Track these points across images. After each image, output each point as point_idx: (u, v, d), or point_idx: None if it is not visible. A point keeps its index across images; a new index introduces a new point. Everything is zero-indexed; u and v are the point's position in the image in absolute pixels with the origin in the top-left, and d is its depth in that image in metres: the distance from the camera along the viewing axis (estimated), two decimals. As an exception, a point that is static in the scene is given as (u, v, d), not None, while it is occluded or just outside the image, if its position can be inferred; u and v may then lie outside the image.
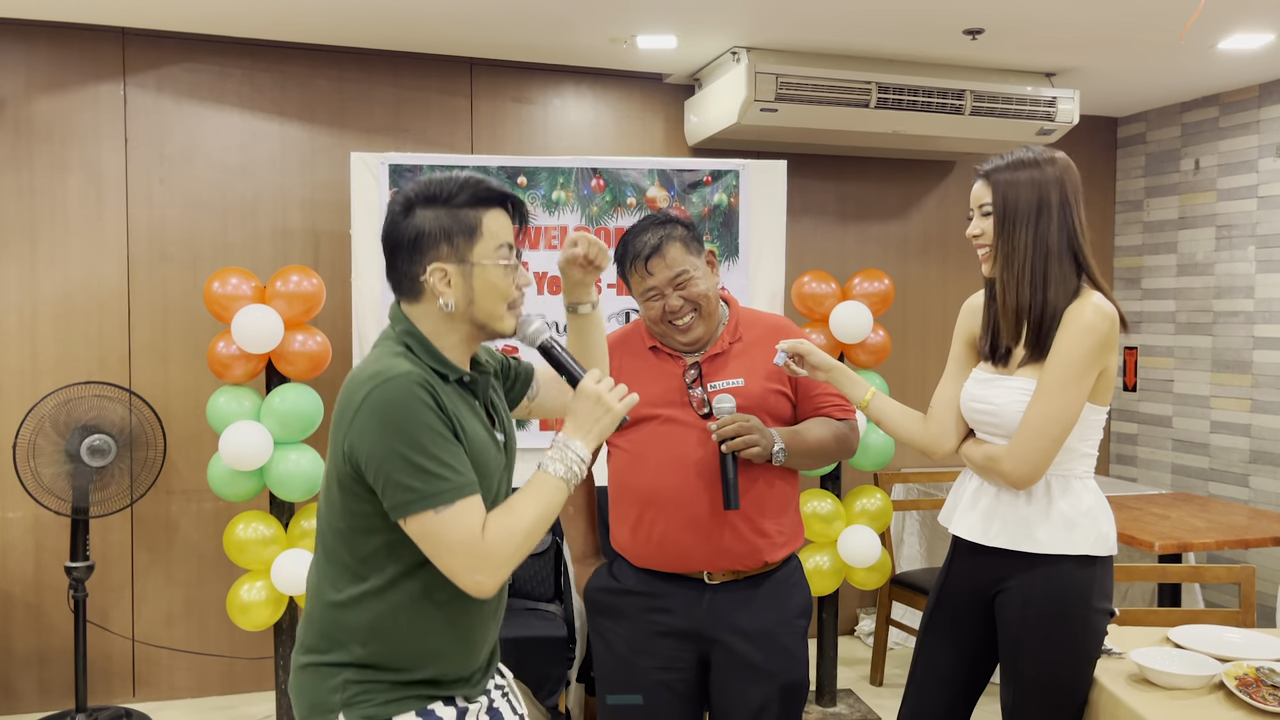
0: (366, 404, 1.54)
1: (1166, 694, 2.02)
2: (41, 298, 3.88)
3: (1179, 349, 4.95)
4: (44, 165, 3.88)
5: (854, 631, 4.92)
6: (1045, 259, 2.03)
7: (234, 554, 3.47)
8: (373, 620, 1.60)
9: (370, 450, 1.53)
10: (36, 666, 3.91)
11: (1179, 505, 4.08)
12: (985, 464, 2.10)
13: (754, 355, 2.30)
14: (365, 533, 1.59)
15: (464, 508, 1.53)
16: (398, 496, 1.52)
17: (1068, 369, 2.00)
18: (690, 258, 2.25)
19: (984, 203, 2.11)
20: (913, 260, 4.95)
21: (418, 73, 4.25)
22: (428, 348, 1.63)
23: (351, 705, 1.60)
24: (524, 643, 3.30)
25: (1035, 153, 2.09)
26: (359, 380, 1.57)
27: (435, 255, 1.62)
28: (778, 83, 3.91)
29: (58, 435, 3.56)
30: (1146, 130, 5.12)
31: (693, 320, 2.25)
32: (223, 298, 3.44)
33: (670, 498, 2.20)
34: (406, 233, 1.63)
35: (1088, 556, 2.04)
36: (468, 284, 1.63)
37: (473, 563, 1.53)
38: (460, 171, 1.67)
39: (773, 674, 2.21)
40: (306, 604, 1.69)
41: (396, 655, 1.61)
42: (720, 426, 2.14)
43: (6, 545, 3.87)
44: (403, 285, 1.66)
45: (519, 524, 1.57)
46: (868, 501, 3.93)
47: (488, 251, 1.64)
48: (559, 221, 3.78)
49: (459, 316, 1.65)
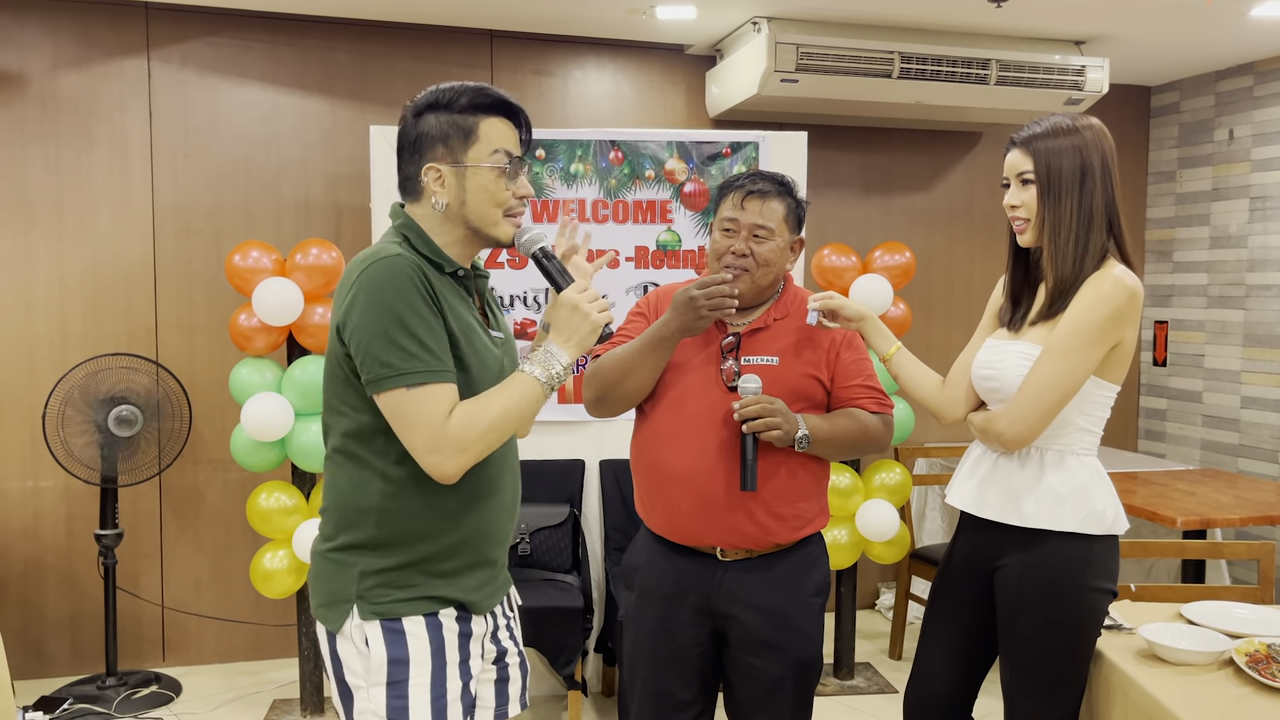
0: (359, 280, 1.60)
1: (1175, 670, 2.00)
2: (69, 270, 3.95)
3: (1210, 323, 4.86)
4: (70, 139, 3.93)
5: (875, 605, 4.91)
6: (1089, 227, 2.00)
7: (257, 523, 3.53)
8: (382, 499, 1.65)
9: (355, 324, 1.59)
10: (69, 631, 4.01)
11: (1206, 481, 4.02)
12: (983, 426, 2.10)
13: (795, 337, 2.24)
14: (364, 413, 1.64)
15: (435, 390, 1.59)
16: (374, 370, 1.58)
17: (1075, 335, 1.97)
18: (783, 224, 2.22)
19: (1023, 171, 2.05)
20: (937, 233, 4.90)
21: (438, 45, 4.25)
22: (424, 239, 1.69)
23: (366, 598, 1.65)
24: (541, 613, 3.33)
25: (1071, 118, 2.04)
26: (355, 262, 1.64)
27: (432, 155, 1.69)
28: (798, 53, 3.87)
29: (86, 406, 3.63)
30: (1180, 99, 5.01)
31: (744, 274, 2.19)
32: (244, 270, 3.48)
33: (686, 475, 2.18)
34: (408, 135, 1.71)
35: (1084, 534, 2.02)
36: (460, 184, 1.68)
37: (431, 442, 1.58)
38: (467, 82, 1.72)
39: (785, 651, 2.20)
40: (324, 498, 1.74)
41: (408, 537, 1.66)
42: (742, 406, 2.11)
43: (39, 513, 3.96)
44: (405, 186, 1.73)
45: (483, 413, 1.61)
46: (887, 476, 3.91)
47: (482, 155, 1.69)
48: (577, 194, 3.77)
49: (452, 217, 1.70)
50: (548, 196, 3.76)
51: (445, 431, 1.58)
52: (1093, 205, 2.00)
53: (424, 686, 1.65)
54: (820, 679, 3.98)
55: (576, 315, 1.71)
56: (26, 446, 3.91)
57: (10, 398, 3.90)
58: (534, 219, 3.76)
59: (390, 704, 1.64)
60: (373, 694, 1.64)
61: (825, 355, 2.24)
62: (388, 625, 1.65)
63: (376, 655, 1.64)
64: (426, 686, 1.65)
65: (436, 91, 1.71)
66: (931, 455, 4.47)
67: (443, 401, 1.59)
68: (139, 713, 3.67)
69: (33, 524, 3.96)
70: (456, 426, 1.59)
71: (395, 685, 1.64)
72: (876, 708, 3.76)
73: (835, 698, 3.86)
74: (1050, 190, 2.01)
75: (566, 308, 1.71)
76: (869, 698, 3.85)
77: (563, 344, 1.70)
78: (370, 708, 1.65)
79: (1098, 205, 2.00)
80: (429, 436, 1.57)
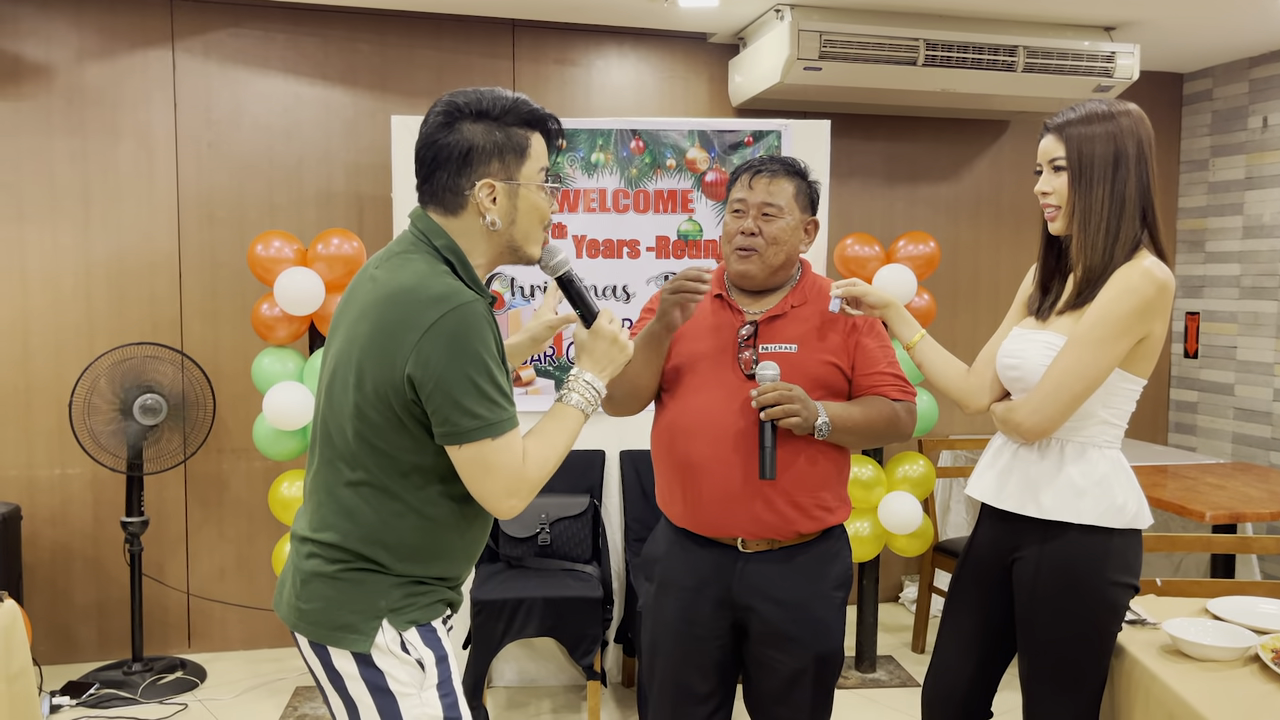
0: (438, 328, 1.53)
1: (1199, 665, 1.97)
2: (96, 260, 3.98)
3: (1243, 314, 4.78)
4: (96, 130, 3.97)
5: (898, 599, 4.88)
6: (1120, 215, 1.96)
7: (279, 511, 3.55)
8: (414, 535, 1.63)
9: (439, 375, 1.53)
10: (96, 617, 4.06)
11: (1237, 475, 3.95)
12: (1004, 415, 2.07)
13: (813, 322, 2.21)
14: (411, 454, 1.60)
15: (514, 436, 1.59)
16: (462, 423, 1.54)
17: (1099, 326, 1.93)
18: (792, 203, 2.20)
19: (1055, 157, 2.02)
20: (963, 223, 4.84)
21: (460, 35, 4.25)
22: (467, 268, 1.65)
23: (397, 609, 1.64)
24: (561, 603, 3.33)
25: (1107, 104, 2.00)
26: (422, 300, 1.54)
27: (485, 171, 1.63)
28: (821, 40, 3.83)
29: (112, 394, 3.67)
30: (1213, 86, 4.92)
31: (753, 254, 2.18)
32: (266, 260, 3.50)
33: (706, 465, 2.16)
34: (455, 145, 1.62)
35: (1104, 528, 1.98)
36: (512, 203, 1.65)
37: (512, 487, 1.59)
38: (503, 90, 1.67)
39: (805, 644, 2.18)
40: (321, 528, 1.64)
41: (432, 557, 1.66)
42: (760, 394, 2.08)
43: (67, 500, 4.01)
44: (443, 198, 1.65)
45: (552, 453, 1.65)
46: (910, 468, 3.88)
47: (533, 173, 1.66)
48: (598, 184, 3.75)
49: (499, 236, 1.66)
50: (569, 186, 3.75)
51: (523, 475, 1.60)
52: (1125, 193, 1.96)
53: (457, 680, 1.69)
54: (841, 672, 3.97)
55: (615, 348, 1.73)
56: (55, 434, 3.96)
57: (39, 386, 3.95)
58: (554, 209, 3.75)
59: (444, 702, 1.65)
60: (426, 697, 1.63)
61: (845, 342, 2.20)
62: (423, 629, 1.66)
63: (426, 657, 1.64)
64: (458, 680, 1.70)
65: (479, 99, 1.64)
66: (956, 447, 4.42)
67: (519, 446, 1.61)
68: (164, 698, 3.71)
69: (61, 511, 4.01)
70: (532, 468, 1.61)
71: (444, 684, 1.65)
72: (898, 701, 3.73)
73: (857, 690, 3.84)
74: (1082, 177, 1.97)
75: (605, 340, 1.73)
76: (891, 691, 3.83)
77: (599, 372, 1.73)
78: (426, 712, 1.63)
79: (1130, 193, 1.96)
80: (509, 481, 1.59)
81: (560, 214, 3.75)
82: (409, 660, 1.63)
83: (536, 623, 3.30)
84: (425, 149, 1.65)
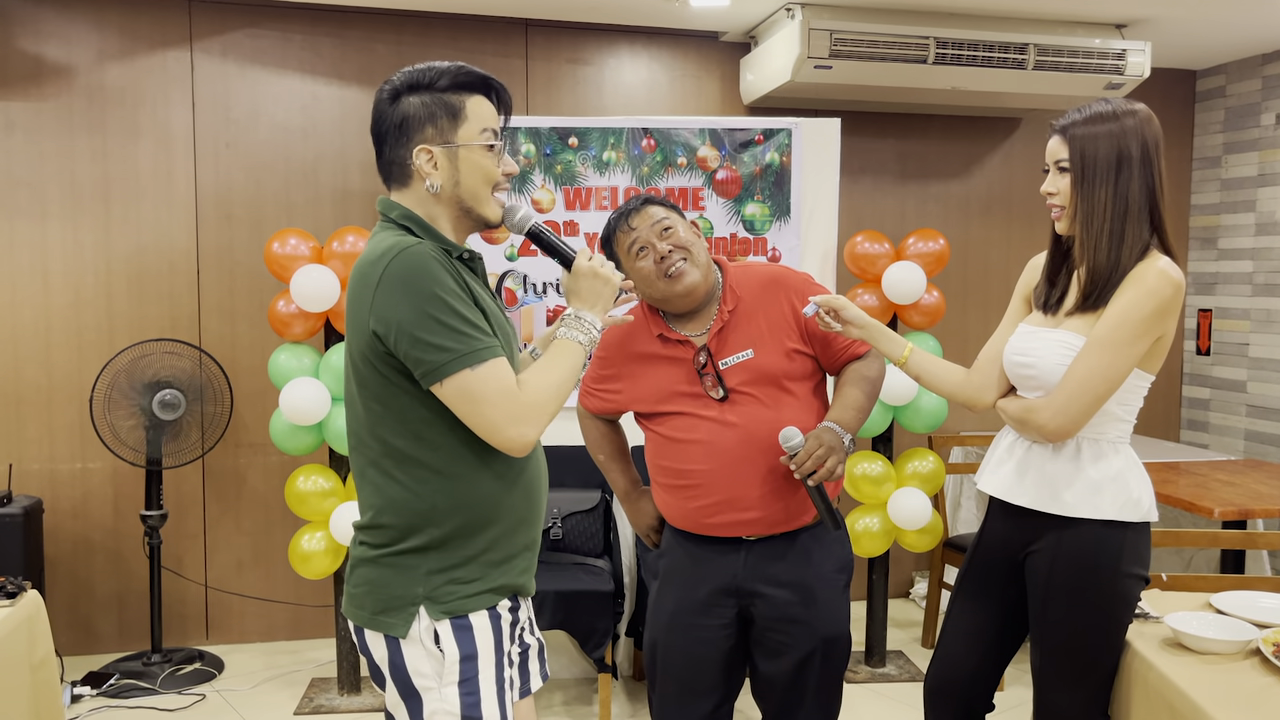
0: (385, 277, 1.56)
1: (1200, 659, 1.98)
2: (115, 257, 4.05)
3: (1256, 311, 4.77)
4: (116, 130, 4.03)
5: (908, 594, 4.90)
6: (1124, 217, 1.97)
7: (295, 505, 3.61)
8: (444, 496, 1.63)
9: (399, 319, 1.55)
10: (116, 609, 4.13)
11: (1248, 472, 3.95)
12: (1022, 415, 2.06)
13: (756, 319, 2.24)
14: (411, 409, 1.62)
15: (498, 364, 1.58)
16: (432, 358, 1.54)
17: (1123, 328, 1.95)
18: (673, 214, 2.26)
19: (1060, 158, 2.03)
20: (974, 220, 4.85)
21: (474, 35, 4.29)
22: (427, 228, 1.67)
23: (434, 598, 1.63)
24: (572, 596, 3.36)
25: (1114, 104, 2.01)
26: (370, 260, 1.60)
27: (421, 138, 1.66)
28: (832, 39, 3.85)
29: (132, 390, 3.73)
30: (1226, 83, 4.91)
31: (685, 266, 2.20)
32: (282, 258, 3.55)
33: (705, 481, 2.21)
34: (393, 118, 1.67)
35: (1118, 521, 2.01)
36: (453, 165, 1.67)
37: (514, 412, 1.57)
38: (441, 61, 1.71)
39: (813, 626, 2.21)
40: (365, 513, 1.69)
41: (473, 524, 1.65)
42: (799, 467, 2.10)
43: (87, 494, 4.08)
44: (392, 172, 1.70)
45: (550, 378, 1.63)
46: (919, 464, 3.90)
47: (472, 134, 1.67)
48: (609, 182, 3.79)
49: (445, 199, 1.68)
50: (580, 184, 3.79)
51: (524, 400, 1.58)
52: (1129, 195, 1.97)
53: (491, 679, 1.66)
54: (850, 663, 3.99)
55: (598, 281, 1.75)
56: (75, 429, 4.02)
57: (60, 381, 4.02)
58: (567, 207, 3.79)
59: (464, 700, 1.63)
60: (445, 694, 1.63)
61: (794, 323, 2.23)
62: (457, 622, 1.64)
63: (450, 654, 1.63)
64: (493, 679, 1.66)
65: (413, 72, 1.68)
66: (966, 444, 4.44)
67: (508, 373, 1.59)
68: (183, 689, 3.77)
69: (82, 504, 4.07)
70: (531, 392, 1.60)
71: (466, 682, 1.64)
72: (908, 695, 3.76)
73: (867, 685, 3.86)
74: (1085, 178, 1.98)
75: (587, 276, 1.75)
76: (901, 685, 3.85)
77: (590, 308, 1.74)
78: (444, 707, 1.64)
79: (1134, 195, 1.97)
80: (508, 408, 1.56)
81: (572, 211, 3.78)
82: (435, 653, 1.63)
83: (548, 616, 3.34)
84: (373, 130, 1.71)
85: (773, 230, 3.83)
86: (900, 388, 3.68)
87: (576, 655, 3.89)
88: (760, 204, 3.82)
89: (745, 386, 2.20)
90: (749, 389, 2.20)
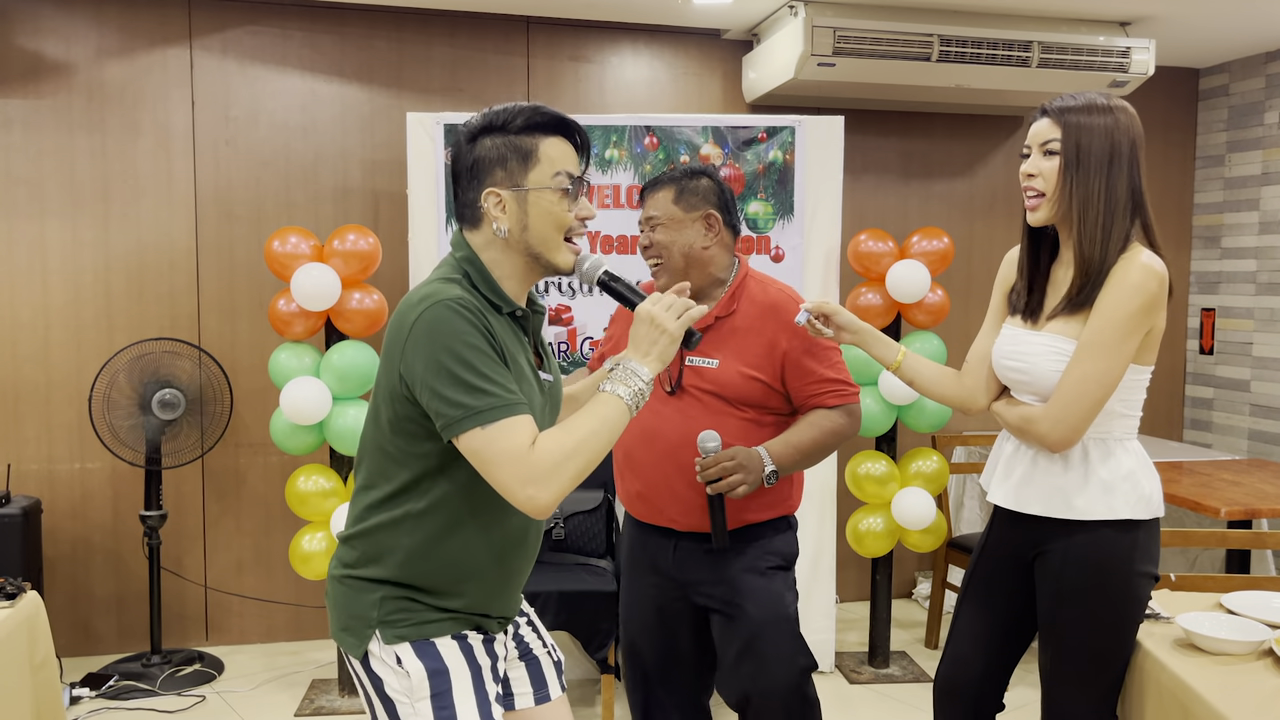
0: (417, 324, 1.55)
1: (1213, 659, 1.97)
2: (115, 255, 4.02)
3: (1259, 310, 4.76)
4: (116, 128, 4.00)
5: (911, 595, 4.88)
6: (1112, 212, 1.95)
7: (295, 506, 3.58)
8: (415, 541, 1.63)
9: (422, 370, 1.54)
10: (115, 610, 4.10)
11: (1253, 471, 3.94)
12: (1021, 425, 2.04)
13: (740, 335, 2.25)
14: (415, 457, 1.61)
15: (512, 423, 1.52)
16: (447, 414, 1.52)
17: (1112, 330, 1.92)
18: (670, 207, 2.28)
19: (1049, 140, 1.99)
20: (978, 219, 4.83)
21: (475, 32, 4.26)
22: (485, 277, 1.64)
23: (387, 623, 1.64)
24: (574, 597, 3.34)
25: (1106, 98, 1.99)
26: (410, 304, 1.58)
27: (491, 180, 1.64)
28: (835, 36, 3.83)
29: (131, 389, 3.70)
30: (1229, 82, 4.90)
31: (657, 267, 2.29)
32: (282, 256, 3.53)
33: (637, 465, 2.30)
34: (467, 160, 1.66)
35: (1130, 520, 1.99)
36: (522, 209, 1.63)
37: (522, 474, 1.51)
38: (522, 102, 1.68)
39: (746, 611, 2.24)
40: (347, 526, 1.71)
41: (433, 578, 1.65)
42: (703, 470, 2.12)
43: (87, 494, 4.05)
44: (464, 213, 1.68)
45: (570, 436, 1.55)
46: (923, 464, 3.88)
47: (543, 177, 1.63)
48: (612, 180, 3.77)
49: (514, 244, 1.65)
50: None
51: (532, 461, 1.51)
52: (1118, 190, 1.95)
53: (468, 693, 1.64)
54: (853, 664, 3.97)
55: (654, 329, 1.65)
56: (74, 429, 4.00)
57: (59, 381, 3.99)
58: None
59: (437, 715, 1.61)
60: (418, 708, 1.62)
61: (770, 355, 2.23)
62: (417, 646, 1.64)
63: (415, 672, 1.62)
64: (470, 692, 1.64)
65: (490, 114, 1.65)
66: (970, 443, 4.42)
67: (523, 433, 1.52)
68: (182, 690, 3.74)
69: (81, 505, 4.05)
70: (542, 454, 1.52)
71: (439, 696, 1.62)
72: (912, 696, 3.74)
73: (870, 686, 3.84)
74: (1078, 167, 1.95)
75: (644, 322, 1.65)
76: (904, 686, 3.83)
77: (641, 358, 1.64)
78: None
79: (1122, 190, 1.95)
80: (517, 469, 1.51)
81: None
82: (401, 673, 1.63)
83: (551, 616, 3.32)
84: (451, 166, 1.70)
85: (776, 229, 3.81)
86: (903, 387, 3.66)
87: (579, 656, 3.87)
88: (763, 202, 3.80)
89: (697, 390, 2.24)
90: (699, 394, 2.23)
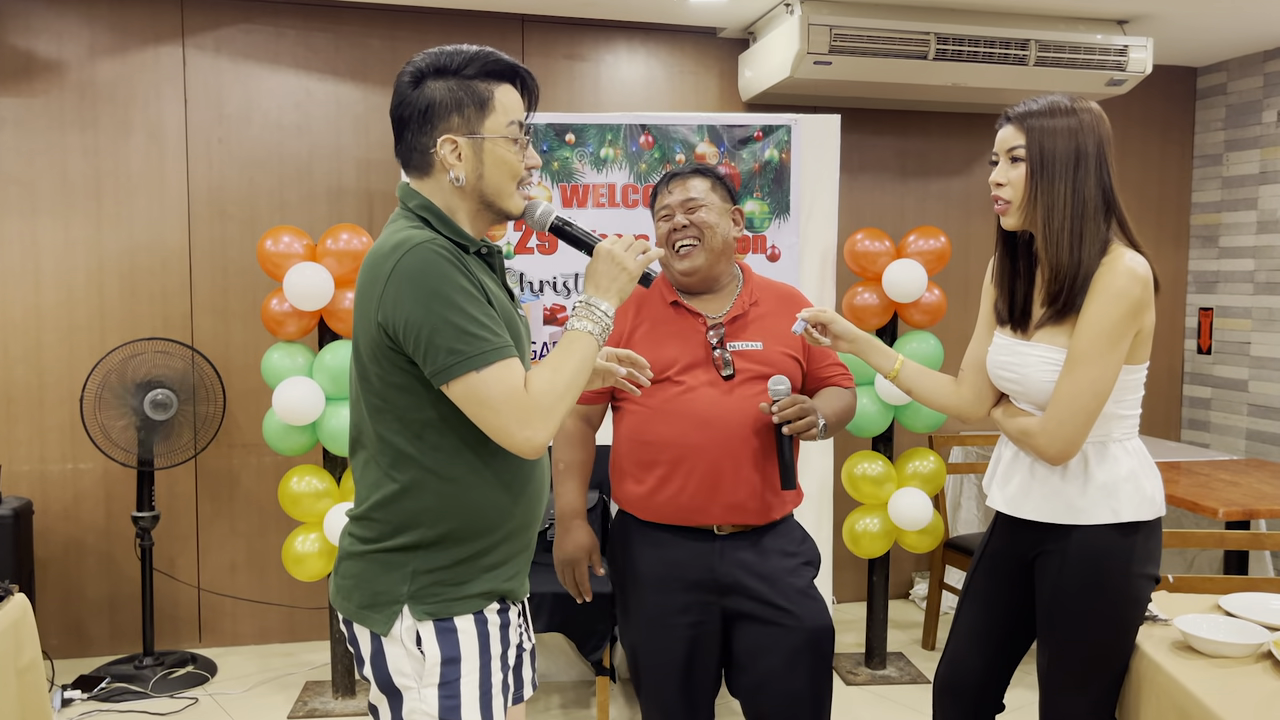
0: (396, 272, 1.53)
1: (1211, 662, 1.95)
2: (107, 255, 4.00)
3: (1257, 310, 4.74)
4: (108, 126, 3.98)
5: (908, 595, 4.86)
6: (1083, 215, 1.93)
7: (288, 507, 3.56)
8: (438, 499, 1.61)
9: (407, 317, 1.52)
10: (107, 611, 4.08)
11: (1251, 471, 3.92)
12: (1019, 437, 2.04)
13: (769, 322, 2.34)
14: (414, 409, 1.59)
15: (505, 366, 1.53)
16: (440, 360, 1.51)
17: (1099, 339, 1.91)
18: (711, 194, 2.33)
19: (1014, 147, 1.98)
20: (975, 218, 4.81)
21: (469, 30, 4.24)
22: (445, 220, 1.63)
23: (419, 598, 1.61)
24: (569, 599, 3.30)
25: (1069, 99, 1.98)
26: (382, 253, 1.56)
27: (446, 126, 1.61)
28: (831, 34, 3.82)
29: (123, 389, 3.68)
30: (1227, 80, 4.88)
31: (692, 248, 2.28)
32: (275, 255, 3.50)
33: (692, 454, 2.22)
34: (417, 104, 1.61)
35: (1131, 521, 1.97)
36: (478, 157, 1.62)
37: (521, 416, 1.52)
38: (469, 45, 1.65)
39: (798, 617, 2.21)
40: (358, 506, 1.67)
41: (465, 533, 1.62)
42: (781, 409, 2.14)
43: (79, 495, 4.03)
44: (412, 159, 1.65)
45: (559, 376, 1.57)
46: (920, 464, 3.86)
47: (499, 125, 1.62)
48: (607, 179, 3.75)
49: (468, 191, 1.64)
50: (578, 181, 3.74)
51: (531, 403, 1.53)
52: (1086, 192, 1.93)
53: (474, 684, 1.63)
54: (849, 665, 3.95)
55: (614, 265, 1.67)
56: (66, 429, 3.97)
57: (51, 381, 3.97)
58: (564, 204, 3.75)
59: (442, 704, 1.60)
60: (424, 694, 1.61)
61: (797, 339, 2.34)
62: (440, 625, 1.61)
63: (431, 656, 1.60)
64: (475, 683, 1.63)
65: (439, 55, 1.61)
66: (967, 443, 4.40)
67: (516, 375, 1.54)
68: (175, 692, 3.72)
69: (73, 506, 4.02)
70: (538, 394, 1.54)
71: (447, 685, 1.61)
72: (909, 697, 3.72)
73: (867, 687, 3.82)
74: (1043, 172, 1.94)
75: (604, 259, 1.68)
76: (901, 687, 3.81)
77: (602, 295, 1.66)
78: (422, 708, 1.61)
79: (1090, 192, 1.93)
80: (516, 410, 1.52)
81: (569, 208, 3.74)
82: (416, 654, 1.61)
83: (545, 618, 3.30)
84: (393, 114, 1.66)
85: (772, 228, 3.79)
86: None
87: (574, 658, 3.85)
88: (759, 201, 3.78)
89: (748, 373, 2.27)
90: (750, 378, 2.27)
